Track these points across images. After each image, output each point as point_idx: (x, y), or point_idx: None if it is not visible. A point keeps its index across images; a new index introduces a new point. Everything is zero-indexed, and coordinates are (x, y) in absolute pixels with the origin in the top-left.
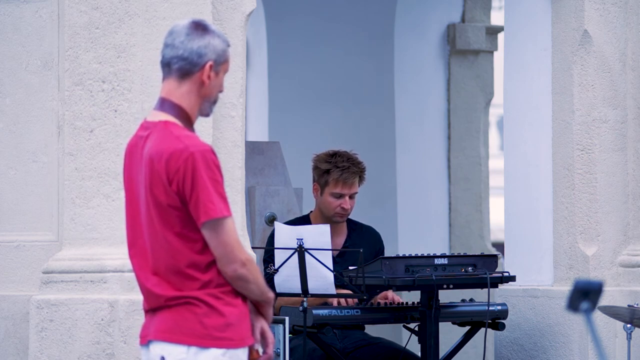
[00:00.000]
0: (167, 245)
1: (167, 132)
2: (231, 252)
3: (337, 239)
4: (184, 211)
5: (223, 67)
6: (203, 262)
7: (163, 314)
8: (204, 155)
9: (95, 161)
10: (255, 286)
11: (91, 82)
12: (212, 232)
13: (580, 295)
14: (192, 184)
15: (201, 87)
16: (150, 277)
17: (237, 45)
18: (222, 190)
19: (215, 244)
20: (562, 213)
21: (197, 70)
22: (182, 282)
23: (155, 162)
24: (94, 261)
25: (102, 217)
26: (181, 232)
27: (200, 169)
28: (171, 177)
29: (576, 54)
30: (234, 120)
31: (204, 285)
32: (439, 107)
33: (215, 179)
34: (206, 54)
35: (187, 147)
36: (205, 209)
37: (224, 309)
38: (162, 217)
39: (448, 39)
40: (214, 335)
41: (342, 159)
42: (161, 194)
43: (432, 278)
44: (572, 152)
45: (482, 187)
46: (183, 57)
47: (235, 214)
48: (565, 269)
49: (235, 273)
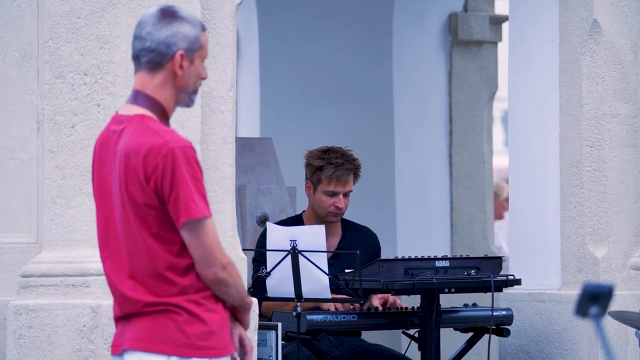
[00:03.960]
0: (145, 247)
1: (144, 127)
2: (211, 254)
3: (330, 239)
4: (162, 211)
5: (199, 53)
6: (181, 265)
7: (139, 322)
8: (184, 152)
9: (77, 158)
10: (235, 291)
11: (72, 75)
12: (192, 234)
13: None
14: (172, 181)
15: (175, 78)
16: (125, 281)
17: (227, 36)
18: (202, 189)
19: (195, 246)
20: (570, 213)
21: (167, 61)
22: (159, 286)
23: (132, 158)
24: (75, 264)
25: (84, 217)
26: (158, 233)
27: (180, 165)
28: (149, 174)
29: (585, 44)
30: (224, 115)
31: (183, 291)
32: (440, 101)
33: (196, 176)
34: (175, 43)
35: (167, 143)
36: (186, 208)
37: (206, 315)
38: (139, 216)
39: (449, 29)
40: (196, 344)
41: (336, 155)
42: (137, 192)
43: (433, 281)
44: (580, 149)
45: (485, 186)
46: (151, 49)
47: (225, 214)
48: (573, 271)
49: (216, 277)
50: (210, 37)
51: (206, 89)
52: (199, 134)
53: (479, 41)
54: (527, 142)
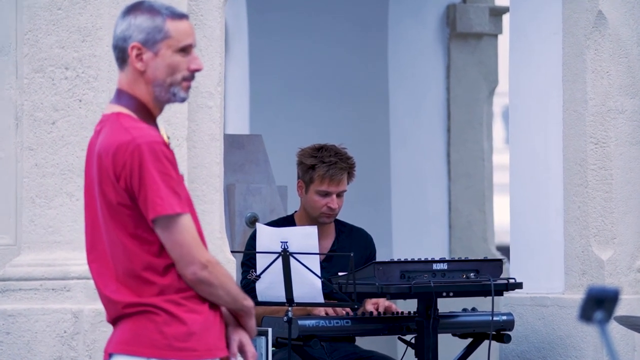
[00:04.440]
0: (123, 248)
1: (117, 125)
2: (188, 253)
3: (323, 241)
4: (136, 209)
5: (165, 43)
6: (160, 264)
7: (123, 325)
8: (152, 147)
9: (58, 156)
10: (223, 292)
11: (53, 69)
12: (164, 231)
13: (594, 304)
14: (140, 178)
15: (140, 73)
16: (109, 284)
17: (215, 29)
18: (174, 185)
19: (170, 245)
20: (574, 213)
21: (127, 56)
22: (139, 286)
23: (103, 158)
24: (56, 267)
25: (65, 218)
26: (135, 233)
27: (147, 161)
28: (118, 173)
29: (589, 37)
30: (211, 110)
31: (162, 291)
32: (437, 97)
33: (165, 172)
34: (130, 36)
35: (134, 139)
36: (153, 205)
37: (186, 316)
38: (114, 217)
39: (447, 21)
40: (174, 345)
41: (329, 153)
42: (110, 191)
43: (430, 285)
44: (585, 146)
45: (485, 185)
46: (114, 47)
47: (213, 214)
48: (577, 275)
49: (195, 276)
50: (198, 29)
51: (193, 83)
52: (186, 131)
53: (479, 34)
54: (528, 139)
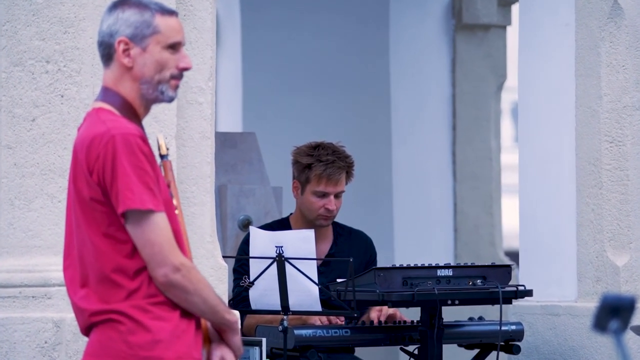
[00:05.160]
0: (93, 248)
1: (95, 119)
2: (159, 252)
3: (321, 245)
4: (108, 205)
5: (154, 39)
6: (132, 267)
7: (92, 335)
8: (126, 139)
9: (38, 155)
10: (199, 299)
11: (33, 62)
12: (135, 228)
13: (609, 312)
14: (112, 171)
15: (127, 69)
16: (78, 290)
17: (206, 19)
18: (149, 180)
19: (141, 243)
20: (587, 216)
21: (113, 52)
22: (107, 291)
23: (79, 151)
24: (36, 273)
25: (46, 221)
26: (107, 232)
27: (120, 153)
28: (91, 166)
29: (604, 29)
30: (202, 107)
31: (129, 295)
32: (442, 93)
33: (139, 166)
34: (117, 31)
35: (108, 130)
36: (124, 198)
37: (151, 323)
38: (86, 214)
39: (453, 11)
40: (139, 355)
41: (326, 151)
42: (84, 186)
43: (434, 292)
44: (599, 145)
45: (493, 186)
46: (99, 43)
47: (203, 217)
48: (591, 282)
49: (166, 279)
50: (187, 20)
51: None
52: (175, 128)
53: (486, 25)
54: (539, 137)
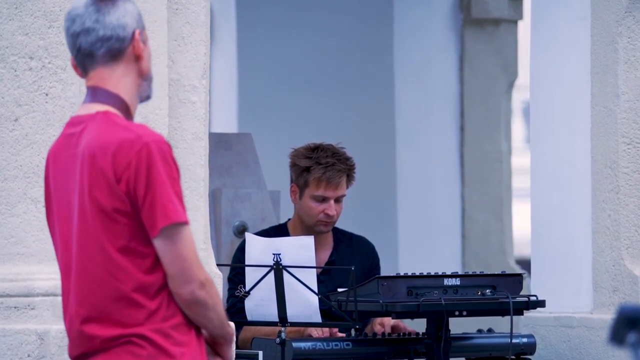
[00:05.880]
0: (111, 264)
1: (110, 122)
2: (189, 269)
3: (320, 252)
4: (134, 218)
5: (144, 33)
6: (153, 284)
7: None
8: (160, 147)
9: (21, 157)
10: (215, 314)
11: (15, 59)
12: (168, 242)
13: (626, 324)
14: (147, 181)
15: (137, 63)
16: (81, 314)
17: (199, 13)
18: (180, 191)
19: (171, 259)
20: (603, 222)
21: (126, 45)
22: (123, 312)
23: (99, 158)
24: (19, 282)
25: (29, 227)
26: (128, 246)
27: (157, 163)
28: (119, 174)
29: (622, 23)
30: (195, 106)
31: (149, 317)
32: (449, 91)
33: (173, 176)
34: (129, 23)
35: (139, 137)
36: (165, 210)
37: (174, 350)
38: (105, 226)
39: (461, 5)
40: None
41: (326, 153)
42: (104, 196)
43: (441, 303)
44: (616, 146)
45: (503, 190)
46: (106, 37)
47: (197, 222)
48: (607, 292)
49: (193, 296)
50: (180, 14)
51: (174, 75)
52: (166, 129)
53: (496, 19)
54: (552, 138)
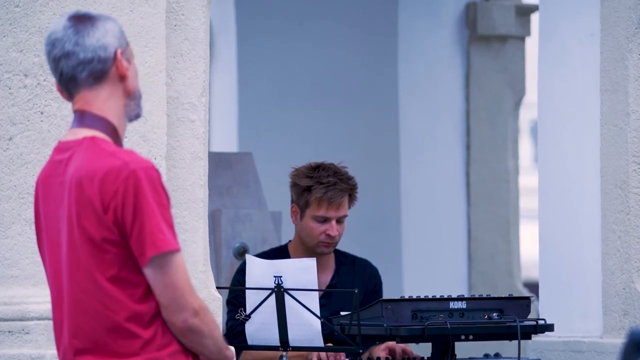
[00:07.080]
0: (102, 295)
1: (97, 149)
2: (181, 297)
3: (322, 275)
4: (123, 247)
5: (128, 50)
6: (147, 312)
7: None
8: (148, 174)
9: (16, 177)
10: (211, 341)
11: (10, 76)
12: (158, 271)
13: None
14: (135, 209)
15: (122, 82)
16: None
17: (199, 30)
18: (170, 218)
19: (162, 288)
20: (613, 244)
21: (109, 66)
22: (118, 343)
23: (86, 186)
24: (13, 306)
25: (23, 249)
26: (118, 275)
27: (145, 190)
28: (106, 203)
29: (632, 39)
30: (194, 125)
31: (144, 346)
32: (455, 109)
33: (162, 203)
34: (110, 43)
35: (126, 164)
36: (154, 240)
37: None
38: (94, 256)
39: (467, 21)
40: None
41: (327, 173)
42: (92, 225)
43: (447, 327)
44: (626, 166)
45: (510, 210)
46: (87, 60)
47: (196, 244)
48: (618, 315)
49: (186, 324)
50: (179, 31)
51: (173, 93)
52: (164, 148)
53: (503, 36)
54: (560, 158)
